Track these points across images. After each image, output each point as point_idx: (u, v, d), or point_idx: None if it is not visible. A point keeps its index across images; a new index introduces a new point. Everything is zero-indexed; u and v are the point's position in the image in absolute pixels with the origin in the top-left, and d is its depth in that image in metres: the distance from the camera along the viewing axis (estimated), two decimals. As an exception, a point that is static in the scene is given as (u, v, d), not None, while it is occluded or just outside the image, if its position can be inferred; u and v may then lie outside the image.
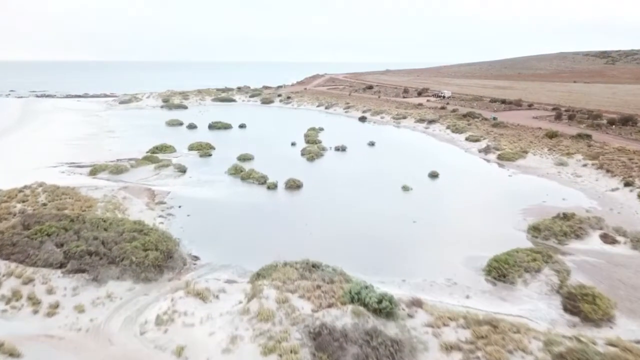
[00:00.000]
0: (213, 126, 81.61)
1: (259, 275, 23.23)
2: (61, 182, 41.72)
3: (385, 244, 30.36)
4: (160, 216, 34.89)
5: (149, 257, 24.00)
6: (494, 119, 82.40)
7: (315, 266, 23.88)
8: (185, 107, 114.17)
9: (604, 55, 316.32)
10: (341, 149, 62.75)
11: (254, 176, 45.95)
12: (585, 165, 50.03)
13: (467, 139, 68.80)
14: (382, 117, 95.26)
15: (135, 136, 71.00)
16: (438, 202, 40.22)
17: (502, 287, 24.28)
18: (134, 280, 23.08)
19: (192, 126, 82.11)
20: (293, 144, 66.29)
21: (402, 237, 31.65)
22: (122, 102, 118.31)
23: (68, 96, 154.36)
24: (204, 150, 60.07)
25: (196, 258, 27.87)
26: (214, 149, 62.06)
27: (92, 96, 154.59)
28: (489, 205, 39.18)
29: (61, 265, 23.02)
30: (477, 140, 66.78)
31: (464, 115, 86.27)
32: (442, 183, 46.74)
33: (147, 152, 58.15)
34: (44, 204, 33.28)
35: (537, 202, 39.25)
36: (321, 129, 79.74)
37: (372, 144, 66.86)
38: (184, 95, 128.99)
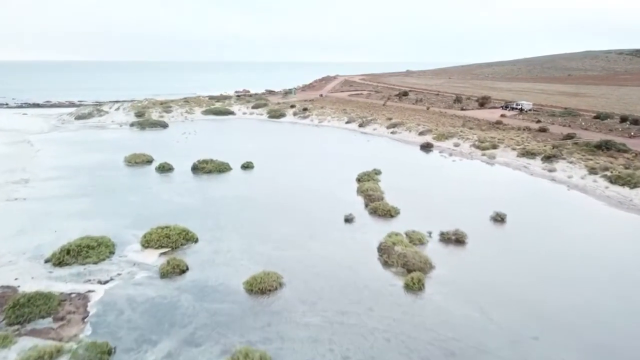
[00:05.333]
0: (200, 168, 49.62)
1: None
2: None
3: None
4: None
5: None
6: (657, 154, 50.97)
7: None
8: (164, 126, 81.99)
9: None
10: (454, 239, 31.10)
11: None
12: None
13: (669, 206, 37.25)
14: (456, 145, 63.55)
15: (58, 198, 39.05)
16: None
17: None
18: None
19: (165, 168, 49.95)
20: (348, 220, 34.65)
21: None
22: (78, 117, 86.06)
23: (23, 105, 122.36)
24: (172, 250, 28.35)
25: None
26: (195, 241, 30.32)
27: (53, 105, 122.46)
28: None
29: None
30: (697, 212, 35.30)
31: (597, 147, 54.81)
32: None
33: (50, 260, 26.66)
34: None
35: None
36: (378, 173, 48.44)
37: (499, 219, 35.17)
38: (166, 106, 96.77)
